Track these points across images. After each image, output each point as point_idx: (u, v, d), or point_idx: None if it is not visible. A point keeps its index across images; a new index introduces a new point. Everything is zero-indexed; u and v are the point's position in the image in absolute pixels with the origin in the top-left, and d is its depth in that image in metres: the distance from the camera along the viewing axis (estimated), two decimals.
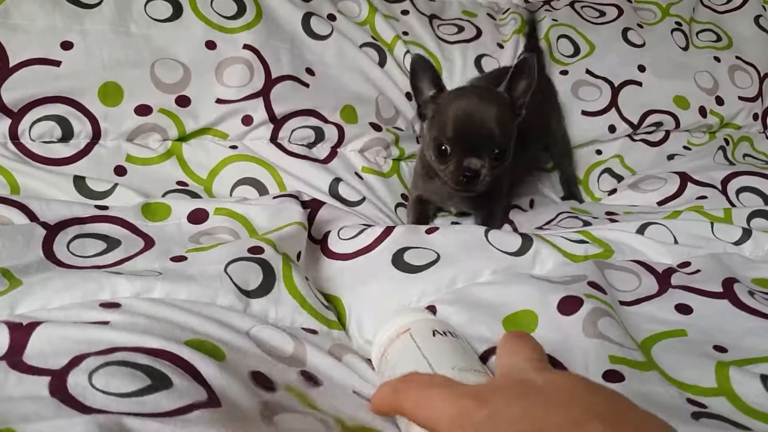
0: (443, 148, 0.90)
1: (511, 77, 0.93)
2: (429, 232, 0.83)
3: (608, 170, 1.31)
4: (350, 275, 0.80)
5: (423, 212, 1.06)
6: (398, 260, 0.78)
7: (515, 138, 0.95)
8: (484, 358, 0.62)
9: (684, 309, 0.71)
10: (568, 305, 0.67)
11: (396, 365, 0.57)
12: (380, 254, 0.80)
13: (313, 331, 0.68)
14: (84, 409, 0.43)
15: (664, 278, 0.78)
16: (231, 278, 0.67)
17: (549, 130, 1.21)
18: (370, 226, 0.87)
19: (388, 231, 0.83)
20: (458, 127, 0.89)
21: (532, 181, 1.27)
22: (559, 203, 1.23)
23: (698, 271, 0.80)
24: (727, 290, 0.74)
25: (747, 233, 0.89)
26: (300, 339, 0.63)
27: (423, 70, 0.95)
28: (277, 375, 0.56)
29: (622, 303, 0.73)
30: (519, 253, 0.79)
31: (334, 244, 0.85)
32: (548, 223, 1.06)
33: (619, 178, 1.29)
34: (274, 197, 0.90)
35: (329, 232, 0.88)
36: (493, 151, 0.90)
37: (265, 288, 0.69)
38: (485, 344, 0.64)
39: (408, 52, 1.24)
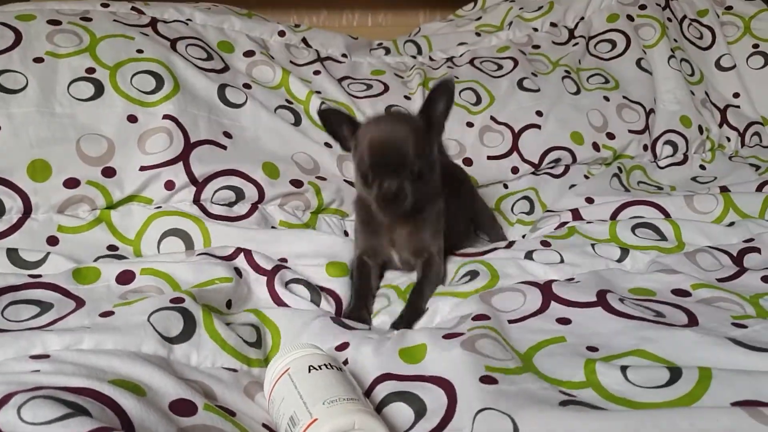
0: (366, 175, 0.95)
1: (429, 98, 0.99)
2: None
3: (525, 197, 1.42)
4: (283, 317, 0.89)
5: (366, 277, 1.04)
6: None
7: (437, 170, 1.02)
8: (380, 380, 0.72)
9: (564, 321, 0.82)
10: (452, 335, 0.78)
11: (279, 407, 0.65)
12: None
13: (234, 370, 0.75)
14: None
15: (546, 287, 0.89)
16: (154, 327, 0.74)
17: (473, 206, 1.27)
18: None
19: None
20: (373, 154, 0.94)
21: None
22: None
23: (578, 282, 0.90)
24: (600, 299, 0.84)
25: (625, 252, 1.00)
26: (213, 378, 0.71)
27: (333, 117, 1.02)
28: (197, 399, 0.63)
29: (511, 321, 0.82)
30: None
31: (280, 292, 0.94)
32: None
33: (532, 204, 1.40)
34: (198, 254, 0.98)
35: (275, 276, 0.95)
36: (411, 170, 0.94)
37: (187, 334, 0.76)
38: (385, 370, 0.73)
39: (323, 103, 1.33)
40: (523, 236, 1.25)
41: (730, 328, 0.76)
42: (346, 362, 0.78)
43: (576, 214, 1.23)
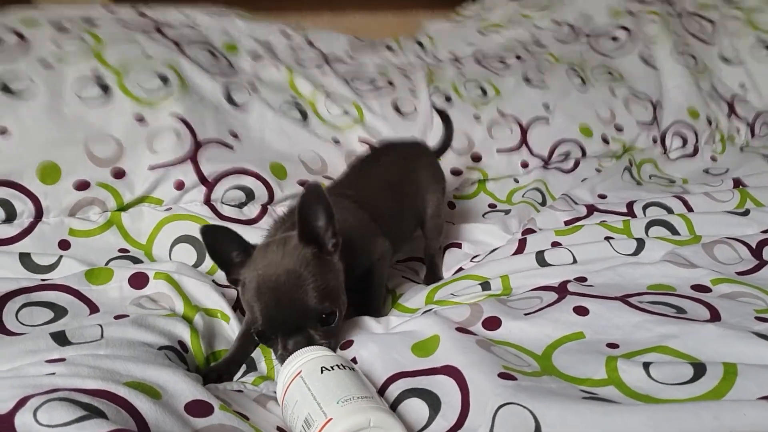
0: (261, 333, 0.77)
1: (301, 216, 0.77)
2: None
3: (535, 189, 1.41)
4: None
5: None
6: None
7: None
8: (393, 379, 0.71)
9: (581, 311, 0.80)
10: (463, 330, 0.77)
11: (293, 410, 0.64)
12: None
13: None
14: None
15: (561, 288, 0.87)
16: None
17: (425, 203, 1.15)
18: None
19: None
20: (267, 314, 0.76)
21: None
22: None
23: (592, 286, 0.89)
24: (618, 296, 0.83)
25: (641, 244, 0.99)
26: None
27: (220, 238, 0.80)
28: (213, 400, 0.63)
29: (527, 314, 0.81)
30: None
31: None
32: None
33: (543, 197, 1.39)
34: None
35: None
36: (319, 320, 0.77)
37: None
38: (397, 368, 0.72)
39: (328, 96, 1.34)
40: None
41: (753, 322, 0.74)
42: (354, 360, 0.76)
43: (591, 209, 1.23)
